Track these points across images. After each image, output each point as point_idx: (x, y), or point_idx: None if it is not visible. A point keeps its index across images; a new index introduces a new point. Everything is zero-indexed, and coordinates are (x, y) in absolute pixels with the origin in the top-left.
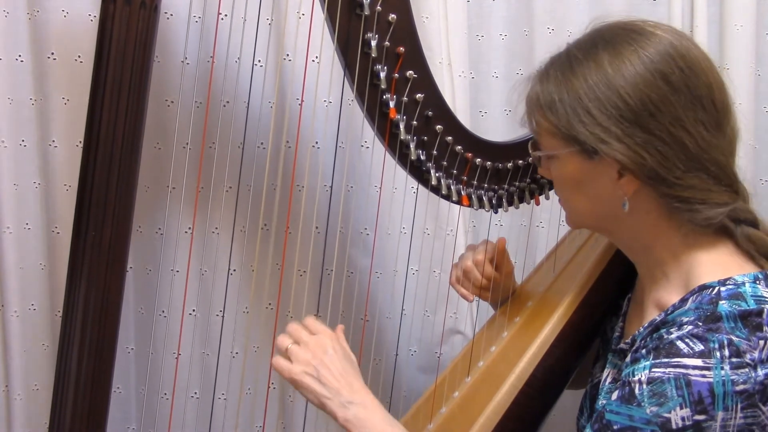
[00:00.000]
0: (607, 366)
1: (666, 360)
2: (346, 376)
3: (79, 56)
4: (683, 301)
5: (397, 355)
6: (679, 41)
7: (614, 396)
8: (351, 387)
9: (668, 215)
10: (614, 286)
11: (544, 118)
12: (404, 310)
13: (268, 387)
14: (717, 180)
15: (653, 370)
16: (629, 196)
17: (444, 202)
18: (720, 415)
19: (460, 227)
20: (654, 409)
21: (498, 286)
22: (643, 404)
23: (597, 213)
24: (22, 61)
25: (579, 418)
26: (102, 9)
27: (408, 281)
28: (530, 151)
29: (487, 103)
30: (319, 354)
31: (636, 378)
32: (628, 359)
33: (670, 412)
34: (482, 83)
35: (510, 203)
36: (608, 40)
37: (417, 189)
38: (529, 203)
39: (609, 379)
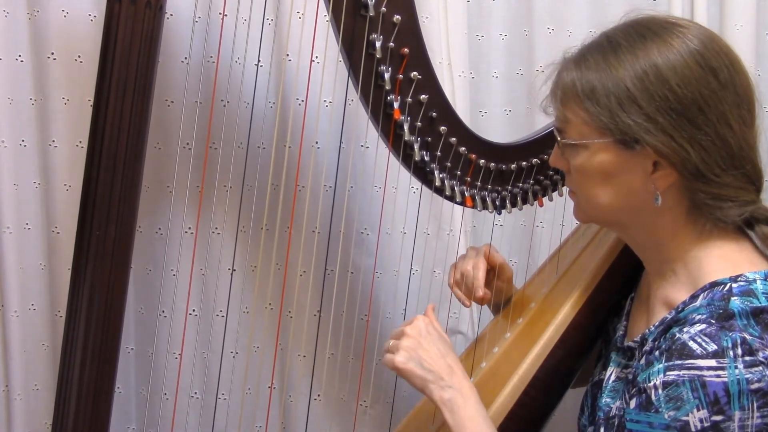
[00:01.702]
0: (611, 364)
1: (680, 362)
2: (446, 358)
3: (79, 56)
4: (693, 298)
5: None
6: (719, 38)
7: (632, 404)
8: (451, 370)
9: (687, 212)
10: (618, 286)
11: (580, 106)
12: (405, 310)
13: (270, 387)
14: (749, 179)
15: (668, 373)
16: (662, 190)
17: (444, 202)
18: (737, 414)
19: (460, 227)
20: (672, 413)
21: (493, 291)
22: (660, 410)
23: (619, 206)
24: (22, 61)
25: (580, 418)
26: (107, 9)
27: (409, 282)
28: (557, 138)
29: (487, 103)
30: (416, 340)
31: (651, 383)
32: (642, 361)
33: (687, 415)
34: (482, 83)
35: (513, 204)
36: (655, 31)
37: (419, 189)
38: (532, 204)
39: (613, 377)
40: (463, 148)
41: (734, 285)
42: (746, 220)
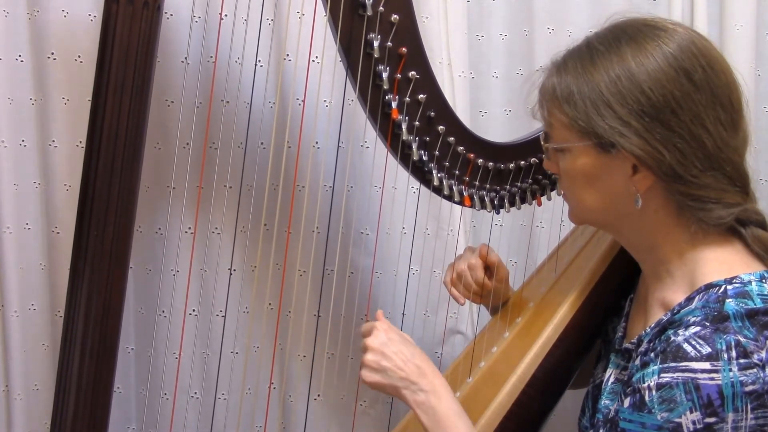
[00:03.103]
0: (610, 366)
1: (674, 364)
2: (414, 360)
3: (79, 56)
4: (689, 299)
5: None
6: (699, 40)
7: (626, 404)
8: (420, 372)
9: (677, 213)
10: (616, 286)
11: (560, 110)
12: (405, 310)
13: (270, 387)
14: (731, 180)
15: (662, 375)
16: (642, 192)
17: (444, 202)
18: (730, 416)
19: (460, 227)
20: (665, 414)
21: (491, 293)
22: (653, 411)
23: (605, 209)
24: (22, 61)
25: (581, 419)
26: (105, 8)
27: (408, 281)
28: (542, 143)
29: (487, 103)
30: (379, 351)
31: (646, 384)
32: (637, 362)
33: (680, 417)
34: (482, 83)
35: (512, 204)
36: (631, 35)
37: (419, 189)
38: (530, 204)
39: (612, 379)
40: (462, 148)
41: (729, 287)
42: (737, 222)
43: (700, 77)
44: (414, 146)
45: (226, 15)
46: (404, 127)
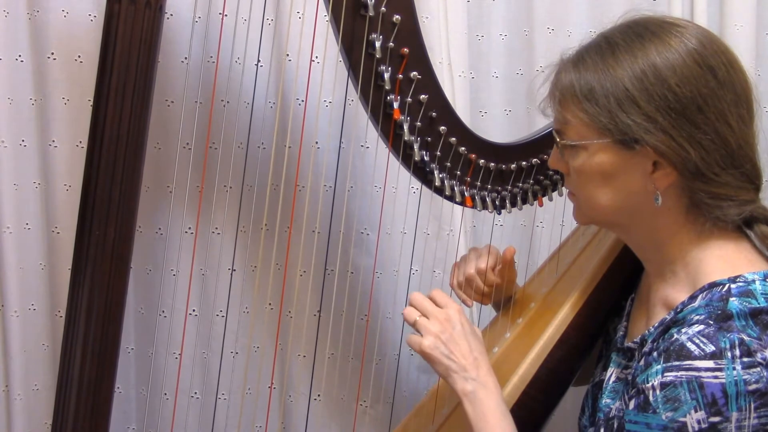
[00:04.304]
0: (611, 365)
1: (677, 363)
2: (474, 352)
3: (79, 56)
4: (692, 298)
5: (398, 355)
6: (717, 39)
7: (631, 405)
8: (477, 364)
9: (686, 212)
10: (618, 286)
11: (579, 107)
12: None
13: (270, 387)
14: (749, 178)
15: (665, 374)
16: (662, 190)
17: (445, 202)
18: (734, 415)
19: (460, 227)
20: (669, 414)
21: (500, 291)
22: (658, 411)
23: (620, 207)
24: (22, 61)
25: (581, 418)
26: (107, 9)
27: (408, 281)
28: (556, 139)
29: (487, 103)
30: (448, 328)
31: (650, 384)
32: (641, 363)
33: (685, 416)
34: (482, 83)
35: (513, 204)
36: (653, 30)
37: (419, 189)
38: (532, 204)
39: (613, 378)
40: (463, 148)
41: (733, 286)
42: (745, 220)
43: (724, 74)
44: (416, 147)
45: (226, 15)
46: (406, 127)
